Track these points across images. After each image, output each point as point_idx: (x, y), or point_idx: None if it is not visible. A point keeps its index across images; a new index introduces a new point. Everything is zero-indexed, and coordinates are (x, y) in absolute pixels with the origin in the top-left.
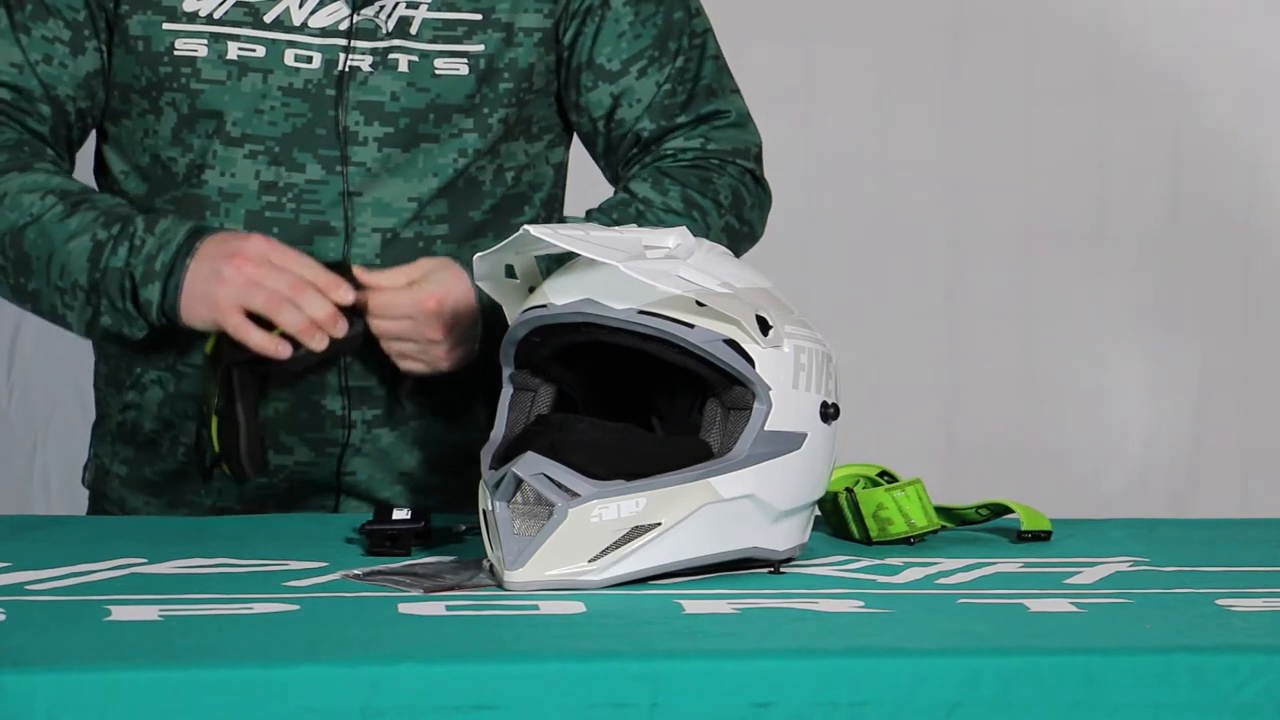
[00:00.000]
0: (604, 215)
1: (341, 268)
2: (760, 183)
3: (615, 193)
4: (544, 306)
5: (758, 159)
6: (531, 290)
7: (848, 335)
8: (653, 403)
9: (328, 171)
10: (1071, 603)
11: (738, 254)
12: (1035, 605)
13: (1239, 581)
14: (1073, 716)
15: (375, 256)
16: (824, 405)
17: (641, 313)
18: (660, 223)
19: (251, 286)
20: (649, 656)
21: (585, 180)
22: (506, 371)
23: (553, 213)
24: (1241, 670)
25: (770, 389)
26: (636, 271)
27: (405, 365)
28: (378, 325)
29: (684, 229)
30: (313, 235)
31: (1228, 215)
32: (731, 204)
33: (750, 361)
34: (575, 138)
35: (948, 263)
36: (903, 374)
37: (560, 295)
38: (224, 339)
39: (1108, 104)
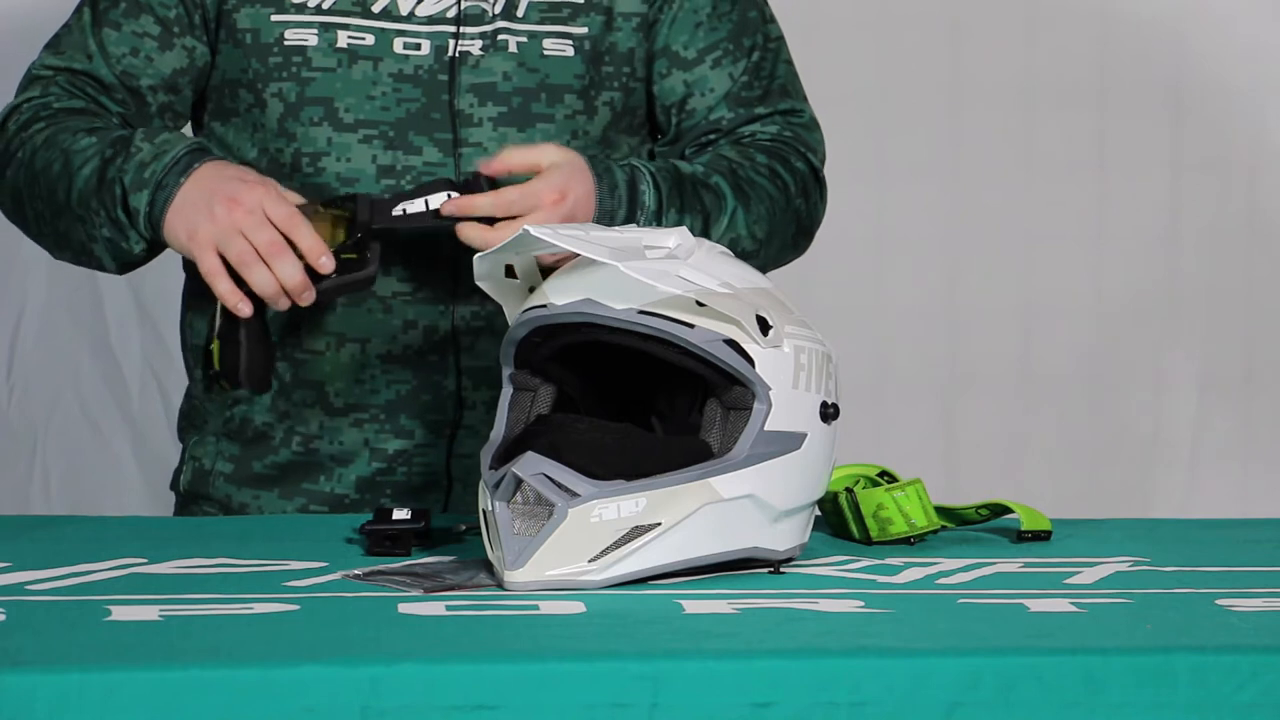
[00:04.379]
0: (696, 165)
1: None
2: (823, 187)
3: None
4: (544, 306)
5: (823, 163)
6: (531, 290)
7: (848, 335)
8: (653, 403)
9: (445, 153)
10: (1071, 603)
11: (797, 247)
12: (1035, 605)
13: (1239, 581)
14: (1073, 716)
15: None
16: (824, 405)
17: (641, 313)
18: (751, 183)
19: (232, 234)
20: (649, 656)
21: None
22: (506, 371)
23: None
24: (1241, 670)
25: (770, 389)
26: (636, 271)
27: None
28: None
29: (684, 229)
30: None
31: (1228, 214)
32: (800, 189)
33: (750, 361)
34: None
35: (948, 262)
36: (903, 374)
37: (560, 295)
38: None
39: (1108, 103)
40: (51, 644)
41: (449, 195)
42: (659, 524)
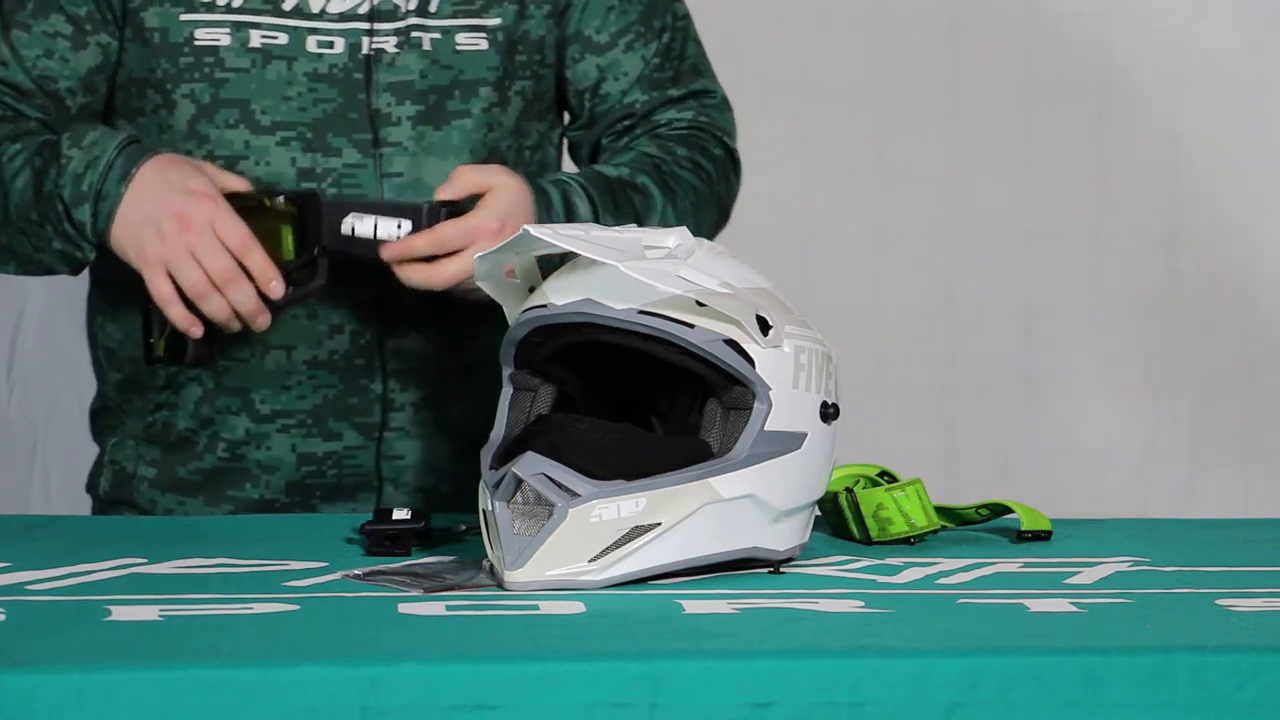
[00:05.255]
0: (620, 168)
1: (350, 206)
2: (738, 167)
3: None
4: (544, 306)
5: (735, 141)
6: (531, 290)
7: (848, 335)
8: (653, 403)
9: (364, 155)
10: (1071, 603)
11: (715, 228)
12: (1035, 605)
13: (1239, 581)
14: (1073, 716)
15: None
16: (824, 405)
17: (641, 313)
18: (675, 176)
19: (184, 257)
20: (649, 656)
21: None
22: (506, 371)
23: None
24: (1241, 670)
25: (770, 389)
26: (636, 271)
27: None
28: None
29: (684, 229)
30: None
31: (1227, 213)
32: (721, 175)
33: (750, 361)
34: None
35: (948, 262)
36: (903, 374)
37: (560, 295)
38: None
39: (1106, 102)
40: (51, 644)
41: (399, 225)
42: (659, 524)
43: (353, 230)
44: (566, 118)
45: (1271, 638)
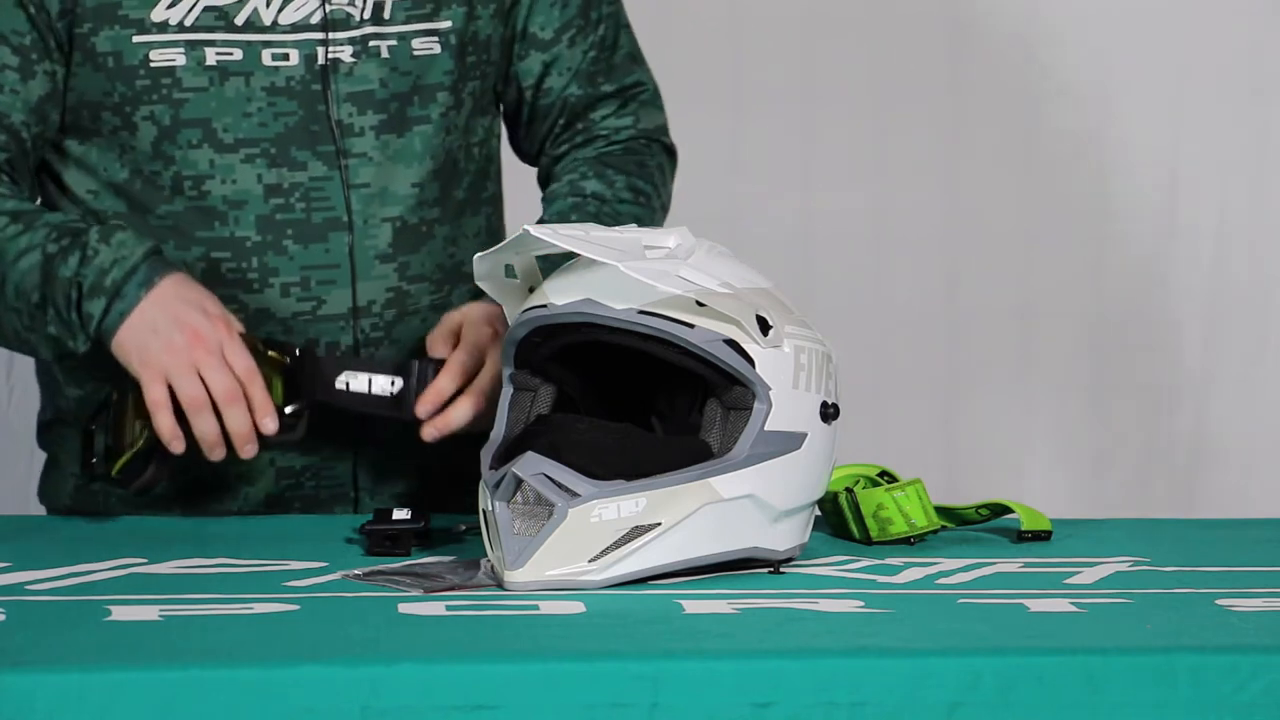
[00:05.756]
0: (561, 220)
1: (339, 360)
2: (674, 158)
3: (557, 191)
4: (544, 306)
5: (668, 130)
6: (531, 290)
7: (848, 335)
8: (653, 403)
9: (330, 167)
10: (1071, 603)
11: (660, 225)
12: (1035, 605)
13: (1239, 581)
14: (1073, 716)
15: (388, 246)
16: (824, 405)
17: (641, 313)
18: (615, 216)
19: (188, 371)
20: (649, 656)
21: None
22: (506, 371)
23: (499, 185)
24: (1241, 670)
25: (770, 389)
26: (636, 271)
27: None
28: (455, 413)
29: (684, 229)
30: (327, 232)
31: (1230, 212)
32: (661, 184)
33: (750, 361)
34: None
35: (948, 263)
36: (903, 374)
37: (560, 295)
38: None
39: (1107, 102)
40: (51, 644)
41: (393, 383)
42: (659, 524)
43: (347, 385)
44: (522, 119)
45: (1271, 638)
